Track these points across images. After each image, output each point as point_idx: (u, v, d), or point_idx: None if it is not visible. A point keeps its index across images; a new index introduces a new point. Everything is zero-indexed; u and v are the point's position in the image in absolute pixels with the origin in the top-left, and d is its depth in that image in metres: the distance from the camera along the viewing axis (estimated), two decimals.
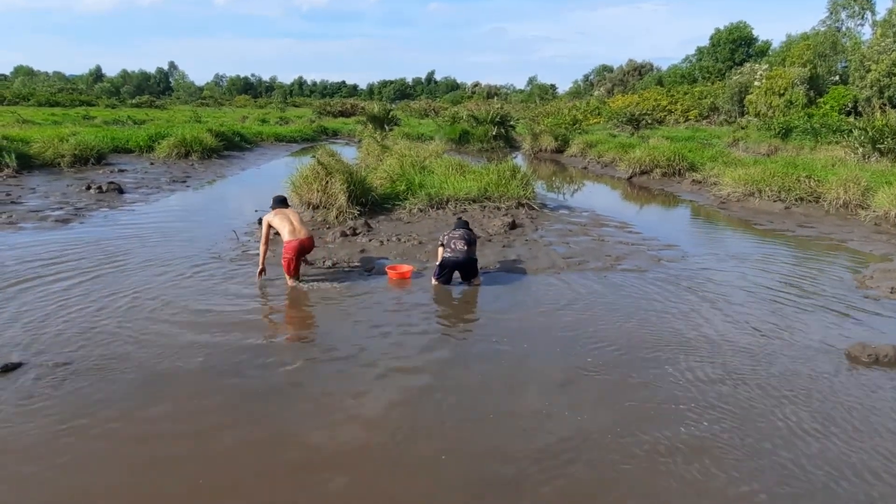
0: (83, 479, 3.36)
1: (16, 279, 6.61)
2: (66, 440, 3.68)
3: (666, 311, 6.27)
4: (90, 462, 3.50)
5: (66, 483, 3.32)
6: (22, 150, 15.86)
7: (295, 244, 6.59)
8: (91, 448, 3.63)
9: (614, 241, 9.45)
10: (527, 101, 64.08)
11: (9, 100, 53.59)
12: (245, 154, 23.31)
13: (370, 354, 5.03)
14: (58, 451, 3.57)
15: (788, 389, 4.56)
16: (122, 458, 3.55)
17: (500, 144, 28.75)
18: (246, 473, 3.44)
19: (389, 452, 3.69)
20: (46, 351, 4.84)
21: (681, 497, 3.32)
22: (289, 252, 6.60)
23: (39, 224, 9.60)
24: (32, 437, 3.69)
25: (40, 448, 3.59)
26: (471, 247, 6.85)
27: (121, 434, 3.78)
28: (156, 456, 3.58)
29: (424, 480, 3.44)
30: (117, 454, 3.58)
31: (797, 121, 27.08)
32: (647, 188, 17.13)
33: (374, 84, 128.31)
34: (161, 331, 5.35)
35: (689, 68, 62.41)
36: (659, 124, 40.04)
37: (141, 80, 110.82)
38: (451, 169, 13.12)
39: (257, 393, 4.34)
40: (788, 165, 14.47)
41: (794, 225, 11.39)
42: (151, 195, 13.00)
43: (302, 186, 10.62)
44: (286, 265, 6.69)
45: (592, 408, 4.25)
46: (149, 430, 3.84)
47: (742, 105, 40.45)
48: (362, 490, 3.33)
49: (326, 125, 39.36)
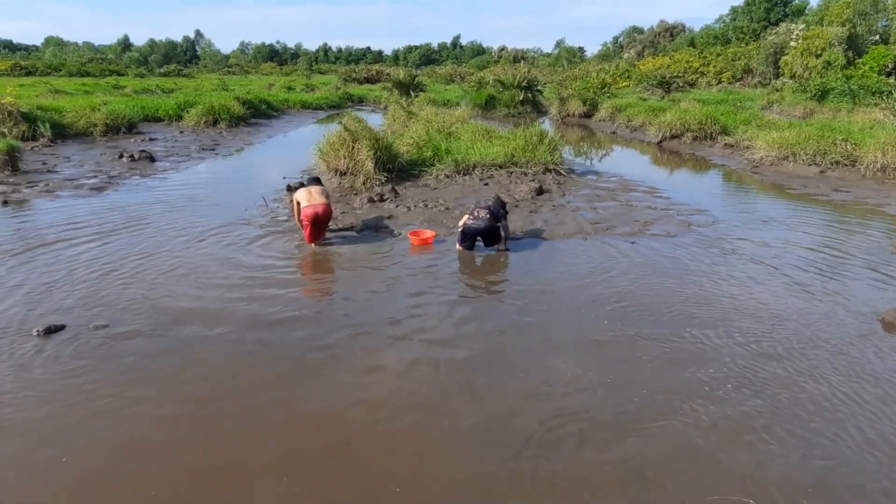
0: (126, 430, 3.54)
1: (54, 239, 6.87)
2: (105, 400, 3.88)
3: (693, 276, 6.22)
4: (131, 416, 3.69)
5: (108, 433, 3.51)
6: (56, 120, 16.22)
7: (310, 212, 6.88)
8: (127, 406, 3.82)
9: (643, 206, 9.34)
10: (554, 64, 62.77)
11: (41, 70, 54.39)
12: (272, 122, 23.43)
13: (393, 316, 5.13)
14: (98, 408, 3.77)
15: (820, 355, 4.54)
16: (159, 412, 3.74)
17: (527, 109, 28.32)
18: (275, 421, 3.59)
19: (413, 411, 3.80)
20: (87, 313, 5.05)
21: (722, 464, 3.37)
22: (305, 219, 6.92)
23: (75, 192, 9.86)
24: (71, 396, 3.90)
25: (83, 404, 3.79)
26: (494, 218, 6.91)
27: (156, 395, 3.97)
28: (190, 414, 3.76)
29: (445, 435, 3.55)
30: (156, 407, 3.77)
31: (834, 82, 26.03)
32: (678, 152, 16.78)
33: (399, 50, 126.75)
34: (195, 294, 5.53)
35: (723, 29, 60.13)
36: (690, 87, 38.84)
37: (168, 49, 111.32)
38: (478, 135, 13.03)
39: (287, 357, 4.49)
40: (824, 128, 14.00)
41: (829, 189, 11.08)
42: (182, 163, 13.21)
43: (329, 153, 10.68)
44: (304, 232, 7.04)
45: (622, 370, 4.28)
46: (184, 393, 4.01)
47: (777, 66, 39.00)
48: (384, 429, 3.46)
49: (352, 92, 39.18)
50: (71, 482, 3.12)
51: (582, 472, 3.23)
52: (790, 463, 3.29)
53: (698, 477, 3.18)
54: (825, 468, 3.26)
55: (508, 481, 3.14)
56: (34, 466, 3.23)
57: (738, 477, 3.18)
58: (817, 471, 3.24)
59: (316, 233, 7.05)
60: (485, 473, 3.21)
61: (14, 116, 14.93)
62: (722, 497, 3.05)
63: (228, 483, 3.12)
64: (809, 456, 3.35)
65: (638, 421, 3.66)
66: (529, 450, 3.38)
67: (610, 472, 3.22)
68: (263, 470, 3.21)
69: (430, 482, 3.16)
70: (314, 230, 7.01)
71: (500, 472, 3.22)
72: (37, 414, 3.65)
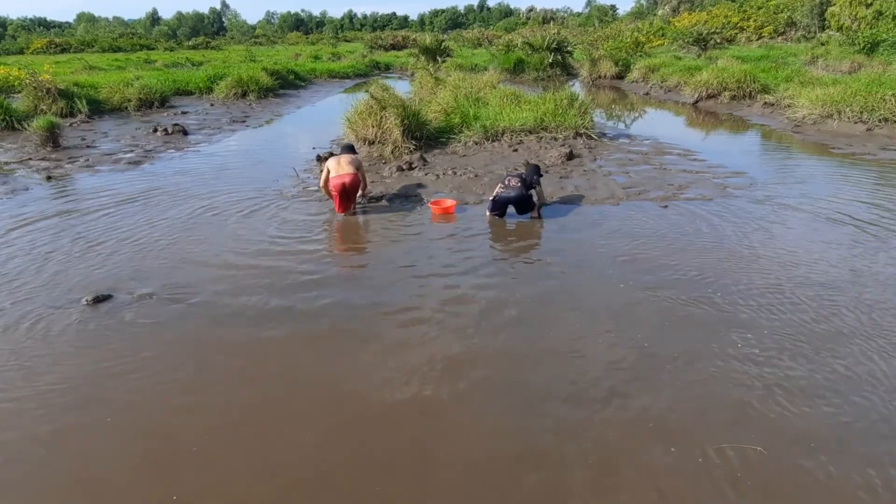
0: (183, 398, 3.70)
1: (95, 208, 7.09)
2: (152, 366, 4.04)
3: (730, 239, 6.09)
4: (181, 383, 3.84)
5: (162, 400, 3.67)
6: (92, 96, 16.57)
7: (337, 182, 6.99)
8: (172, 370, 3.97)
9: (677, 170, 9.12)
10: (585, 24, 60.90)
11: (74, 47, 55.29)
12: (300, 92, 23.45)
13: (424, 284, 5.17)
14: (149, 373, 3.93)
15: (868, 321, 4.42)
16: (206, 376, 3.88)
17: (557, 72, 27.67)
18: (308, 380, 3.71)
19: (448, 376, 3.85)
20: (133, 282, 5.23)
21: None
22: (333, 189, 7.04)
23: (114, 166, 10.11)
24: (115, 364, 4.07)
25: (131, 372, 3.96)
26: (525, 186, 6.85)
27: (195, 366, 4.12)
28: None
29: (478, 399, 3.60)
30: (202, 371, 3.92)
31: (886, 33, 24.60)
32: (714, 113, 16.24)
33: (424, 14, 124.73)
34: (234, 262, 5.66)
35: None
36: (729, 43, 37.26)
37: (196, 22, 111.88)
38: (506, 100, 12.81)
39: (316, 321, 4.58)
40: (872, 83, 13.32)
41: (877, 148, 10.62)
42: (214, 136, 13.38)
43: (357, 122, 10.67)
44: (334, 202, 7.16)
45: (660, 332, 4.25)
46: (224, 363, 4.15)
47: (823, 19, 36.99)
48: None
49: (378, 59, 38.81)
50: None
51: (613, 420, 3.25)
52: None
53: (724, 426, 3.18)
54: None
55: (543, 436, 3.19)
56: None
57: (762, 429, 3.16)
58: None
59: (345, 203, 7.11)
60: (521, 427, 3.26)
61: (52, 94, 15.30)
62: (734, 443, 3.12)
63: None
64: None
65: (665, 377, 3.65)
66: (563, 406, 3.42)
67: (637, 427, 3.23)
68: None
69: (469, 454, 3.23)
70: (342, 200, 7.07)
71: (534, 429, 3.26)
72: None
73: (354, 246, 6.44)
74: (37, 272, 5.47)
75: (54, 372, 3.90)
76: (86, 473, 3.07)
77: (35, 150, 11.28)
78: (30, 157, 10.67)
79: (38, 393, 3.69)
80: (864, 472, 2.94)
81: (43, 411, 3.52)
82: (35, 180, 9.10)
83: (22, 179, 9.14)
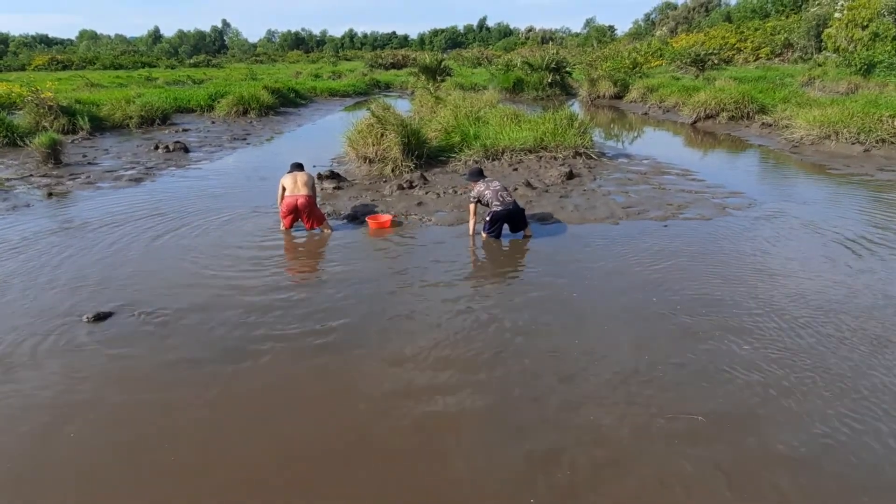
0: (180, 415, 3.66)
1: (98, 226, 7.08)
2: (156, 379, 4.01)
3: (729, 258, 6.09)
4: (178, 399, 3.81)
5: (157, 412, 3.64)
6: (93, 113, 16.65)
7: (290, 201, 7.01)
8: (171, 386, 3.94)
9: (676, 190, 9.16)
10: (584, 44, 61.47)
11: (76, 64, 55.78)
12: (300, 110, 23.60)
13: (420, 300, 5.16)
14: (149, 386, 3.90)
15: (865, 337, 4.41)
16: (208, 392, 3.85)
17: (556, 92, 27.92)
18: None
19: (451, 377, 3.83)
20: (134, 300, 5.21)
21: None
22: (285, 207, 7.05)
23: (115, 183, 10.12)
24: (119, 378, 4.04)
25: (130, 384, 3.93)
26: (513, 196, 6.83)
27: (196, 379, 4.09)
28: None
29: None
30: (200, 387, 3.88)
31: (882, 55, 24.89)
32: (713, 133, 16.36)
33: (424, 34, 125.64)
34: (231, 274, 5.65)
35: (761, 1, 57.88)
36: (726, 64, 37.65)
37: (197, 40, 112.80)
38: (506, 119, 12.92)
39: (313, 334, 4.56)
40: (869, 104, 13.45)
41: (874, 169, 10.68)
42: (215, 153, 13.43)
43: (358, 141, 10.73)
44: (282, 218, 7.16)
45: (659, 345, 4.23)
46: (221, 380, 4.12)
47: (819, 40, 37.43)
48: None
49: (378, 78, 39.13)
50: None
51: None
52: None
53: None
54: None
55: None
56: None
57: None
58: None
59: (293, 221, 7.12)
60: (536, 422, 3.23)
61: (55, 110, 15.39)
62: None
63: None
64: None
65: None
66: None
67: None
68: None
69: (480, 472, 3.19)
70: (292, 219, 7.12)
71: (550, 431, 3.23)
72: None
73: (338, 267, 6.44)
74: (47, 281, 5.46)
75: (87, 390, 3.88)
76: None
77: (36, 166, 11.31)
78: (31, 174, 10.69)
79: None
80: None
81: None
82: (36, 196, 9.11)
83: (23, 196, 9.14)
